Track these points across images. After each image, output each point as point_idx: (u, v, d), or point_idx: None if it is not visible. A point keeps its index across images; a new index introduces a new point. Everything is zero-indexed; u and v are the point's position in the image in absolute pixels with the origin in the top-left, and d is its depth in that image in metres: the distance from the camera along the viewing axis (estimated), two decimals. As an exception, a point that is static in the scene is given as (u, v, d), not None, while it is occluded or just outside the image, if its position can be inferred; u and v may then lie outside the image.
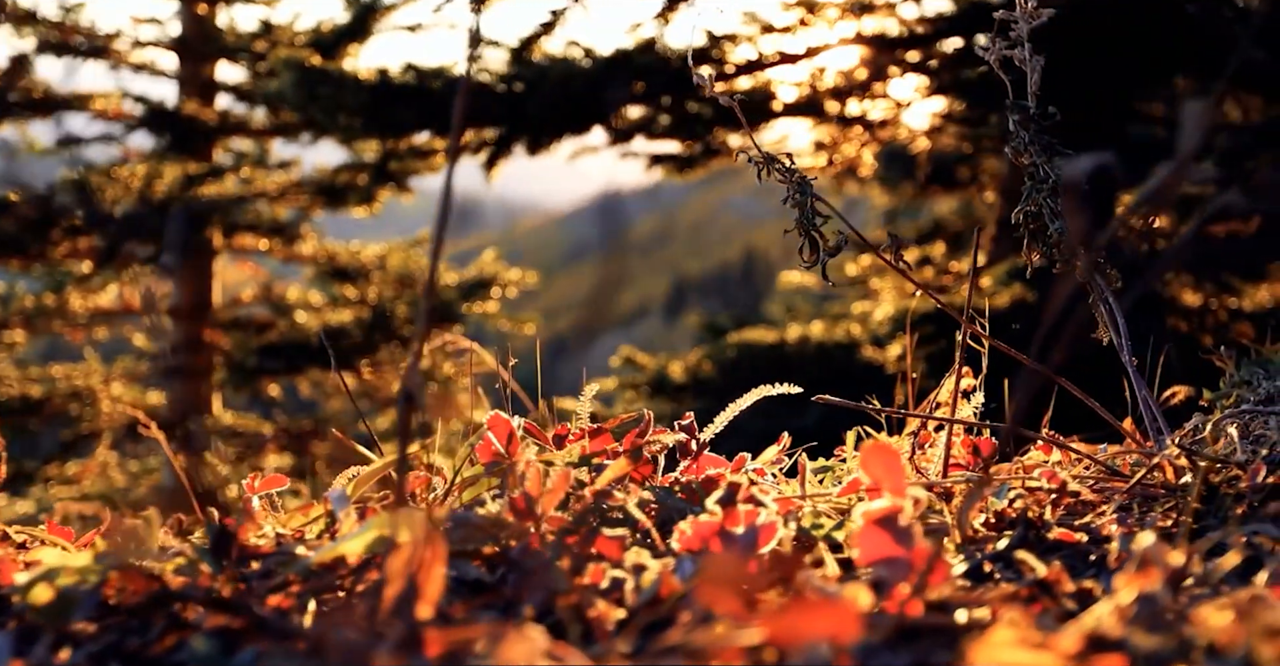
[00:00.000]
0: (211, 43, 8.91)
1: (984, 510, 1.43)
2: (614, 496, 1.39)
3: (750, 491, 1.28)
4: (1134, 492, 1.48)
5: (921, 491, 1.19)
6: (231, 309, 9.44)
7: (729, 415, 1.84)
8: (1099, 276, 1.77)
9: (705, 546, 1.23)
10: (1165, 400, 2.23)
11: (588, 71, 4.97)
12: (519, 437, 1.54)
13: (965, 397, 2.21)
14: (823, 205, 1.67)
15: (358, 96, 4.99)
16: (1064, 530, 1.34)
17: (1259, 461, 1.32)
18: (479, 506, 1.42)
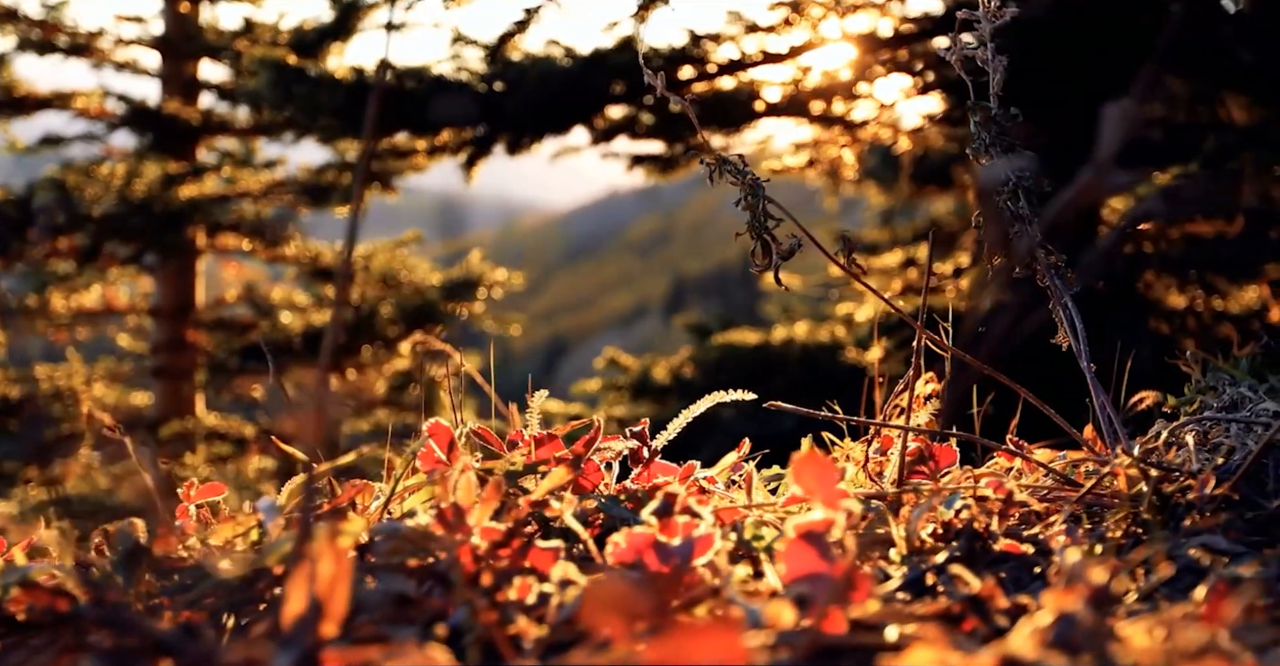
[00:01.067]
0: (193, 41, 8.87)
1: (933, 520, 1.40)
2: (550, 507, 1.35)
3: (687, 502, 1.25)
4: (1085, 503, 1.45)
5: (856, 504, 1.16)
6: (215, 309, 9.39)
7: (681, 422, 1.81)
8: (1058, 280, 1.75)
9: (639, 559, 1.20)
10: (1133, 406, 2.20)
11: (567, 71, 4.94)
12: (459, 445, 1.51)
13: (927, 402, 2.18)
14: (775, 208, 1.64)
15: (333, 96, 4.95)
16: (1010, 541, 1.32)
17: (1208, 472, 1.29)
18: (411, 517, 1.39)
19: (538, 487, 1.37)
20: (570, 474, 1.38)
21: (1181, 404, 1.88)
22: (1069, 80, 5.37)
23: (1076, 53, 5.19)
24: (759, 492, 1.58)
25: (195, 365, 9.00)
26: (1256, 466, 1.52)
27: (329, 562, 0.91)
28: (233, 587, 1.17)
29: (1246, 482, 1.46)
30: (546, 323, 76.24)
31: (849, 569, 0.91)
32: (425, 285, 9.00)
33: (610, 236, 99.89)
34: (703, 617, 0.97)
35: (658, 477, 1.66)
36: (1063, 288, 1.73)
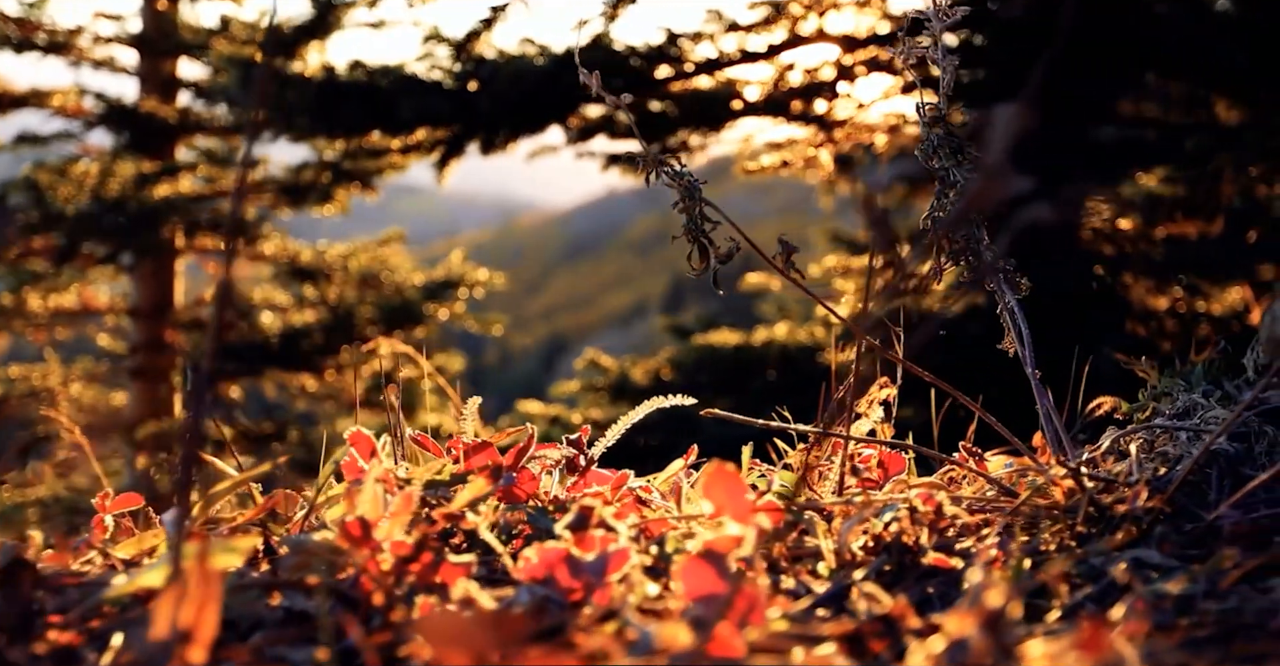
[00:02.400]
0: (171, 39, 8.80)
1: (866, 532, 1.36)
2: (466, 519, 1.31)
3: (602, 516, 1.21)
4: (1020, 514, 1.42)
5: (766, 520, 1.12)
6: (194, 309, 9.32)
7: (620, 429, 1.78)
8: (1006, 285, 1.71)
9: (550, 575, 1.16)
10: (1090, 411, 2.17)
11: (540, 69, 4.89)
12: (382, 454, 1.47)
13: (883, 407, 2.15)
14: (712, 210, 1.60)
15: (303, 95, 4.89)
16: (939, 555, 1.28)
17: (1141, 483, 1.25)
18: (322, 529, 1.35)
19: (455, 499, 1.33)
20: (490, 484, 1.34)
21: (1134, 410, 1.85)
22: (1045, 80, 5.33)
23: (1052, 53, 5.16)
24: (692, 503, 1.54)
25: (174, 366, 8.93)
26: (1200, 476, 1.49)
27: (198, 585, 0.87)
28: (125, 606, 1.12)
29: (1187, 493, 1.43)
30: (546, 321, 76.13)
31: (744, 589, 0.87)
32: (407, 285, 8.94)
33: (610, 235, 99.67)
34: (594, 641, 0.93)
35: (592, 487, 1.63)
36: (1009, 293, 1.69)
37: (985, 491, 1.59)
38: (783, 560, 1.34)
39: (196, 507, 1.40)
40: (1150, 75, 6.65)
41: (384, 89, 4.93)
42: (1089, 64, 5.65)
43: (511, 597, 1.10)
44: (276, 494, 1.50)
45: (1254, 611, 1.07)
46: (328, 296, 8.77)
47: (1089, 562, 1.25)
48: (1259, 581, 1.17)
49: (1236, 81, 5.32)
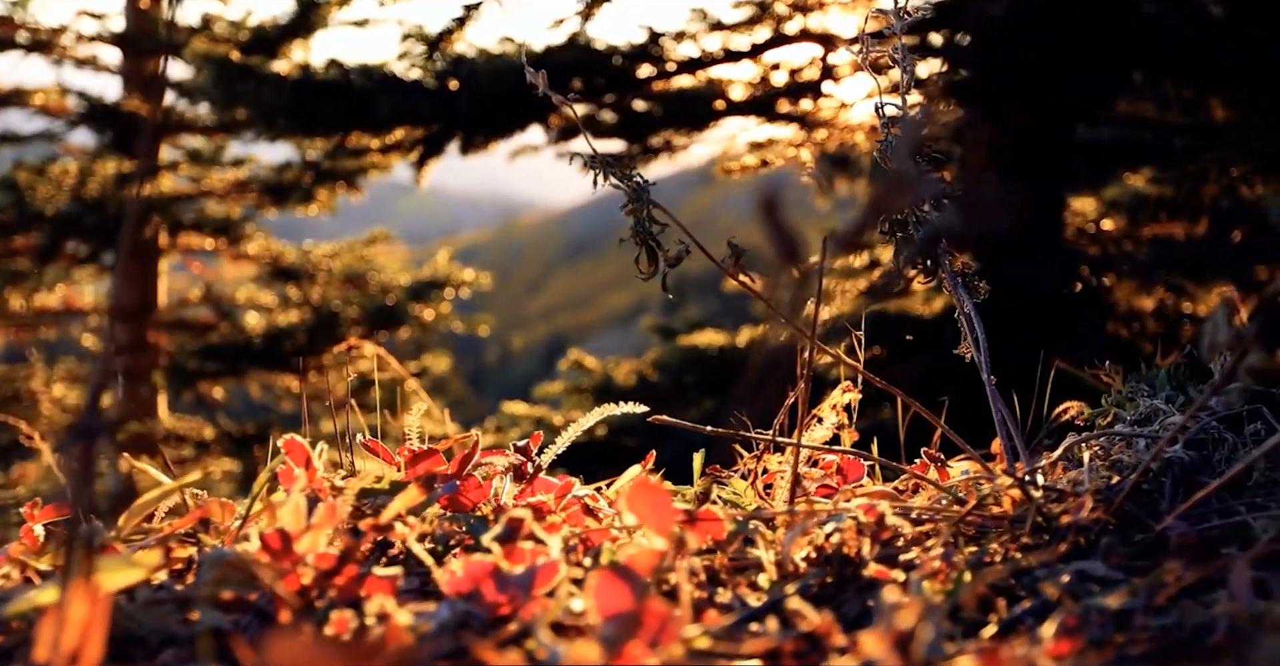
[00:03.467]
0: (153, 38, 8.73)
1: (810, 543, 1.33)
2: (395, 531, 1.28)
3: (531, 528, 1.18)
4: (970, 524, 1.39)
5: (692, 534, 1.09)
6: (178, 309, 9.26)
7: (569, 436, 1.75)
8: (963, 290, 1.68)
9: (475, 589, 1.13)
10: (1057, 416, 2.14)
11: (519, 68, 4.82)
12: (315, 463, 1.43)
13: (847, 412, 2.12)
14: (661, 213, 1.57)
15: (278, 94, 4.84)
16: (881, 567, 1.25)
17: (1085, 494, 1.23)
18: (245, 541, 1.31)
19: (386, 509, 1.30)
20: (424, 494, 1.31)
21: (1095, 416, 1.82)
22: (1029, 80, 5.31)
23: (1036, 52, 5.14)
24: (636, 512, 1.50)
25: (156, 366, 8.87)
26: (1154, 485, 1.46)
27: (82, 605, 0.84)
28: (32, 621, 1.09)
29: (1139, 503, 1.40)
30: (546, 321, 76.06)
31: (652, 607, 0.84)
32: (393, 285, 8.89)
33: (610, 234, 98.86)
34: (504, 659, 0.90)
35: (536, 495, 1.59)
36: (967, 298, 1.66)
37: (940, 500, 1.56)
38: (723, 572, 1.31)
39: (123, 518, 1.37)
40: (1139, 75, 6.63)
41: (361, 88, 4.89)
42: (1074, 63, 5.62)
43: (431, 613, 1.07)
44: (209, 503, 1.47)
45: (1193, 627, 1.04)
46: (310, 297, 8.72)
47: (1032, 575, 1.22)
48: (1203, 593, 1.14)
49: (1218, 80, 5.30)
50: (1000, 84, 5.24)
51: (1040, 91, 5.46)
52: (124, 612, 1.09)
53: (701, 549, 1.36)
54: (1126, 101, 7.06)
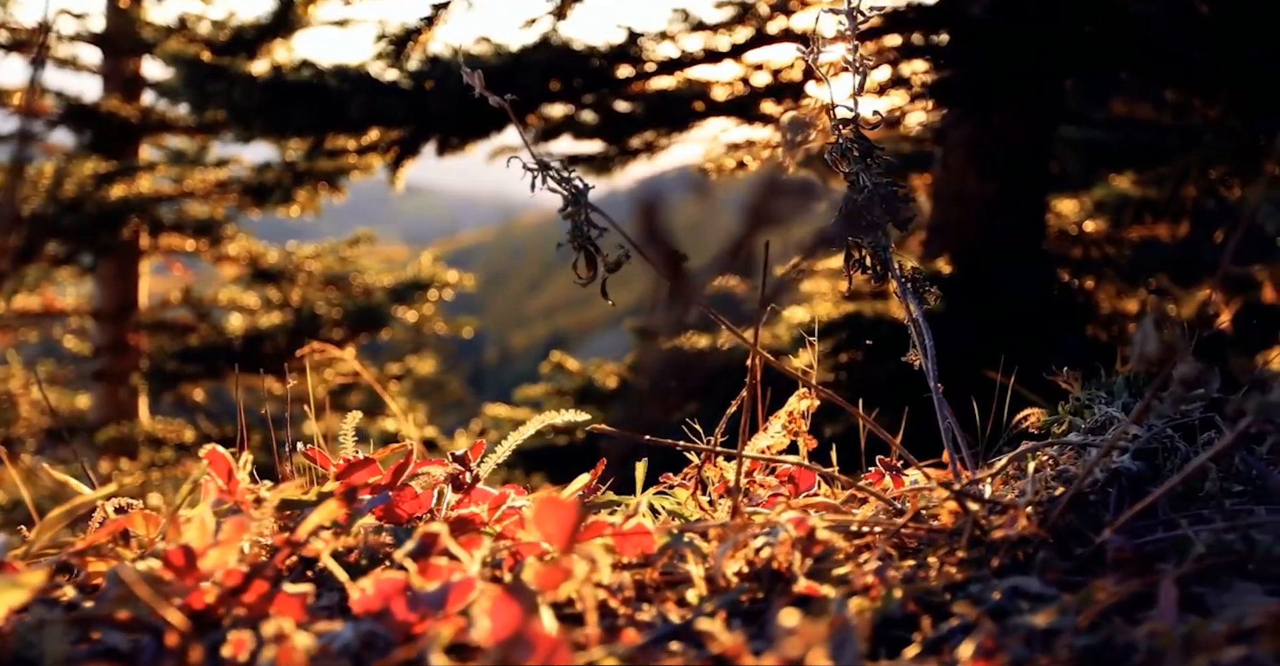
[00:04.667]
0: (133, 37, 8.67)
1: (744, 557, 1.30)
2: (309, 545, 1.24)
3: (445, 544, 1.14)
4: (910, 537, 1.35)
5: (603, 553, 1.06)
6: (159, 311, 9.19)
7: (511, 444, 1.71)
8: (912, 297, 1.65)
9: (386, 607, 1.09)
10: (1016, 424, 2.11)
11: (493, 68, 4.81)
12: (239, 474, 1.39)
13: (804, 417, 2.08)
14: (600, 217, 1.53)
15: (249, 95, 4.78)
16: (812, 582, 1.21)
17: (1019, 507, 1.19)
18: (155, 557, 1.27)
19: (304, 523, 1.26)
20: (344, 506, 1.27)
21: (1049, 424, 1.78)
22: (1011, 80, 5.29)
23: (1016, 54, 5.11)
24: (570, 524, 1.47)
25: (136, 368, 8.80)
26: (1101, 496, 1.43)
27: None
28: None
29: (1082, 515, 1.37)
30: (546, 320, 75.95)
31: (538, 630, 0.81)
32: (375, 287, 8.84)
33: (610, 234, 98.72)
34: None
35: (475, 506, 1.56)
36: (915, 304, 1.63)
37: (882, 512, 1.52)
38: (651, 587, 1.27)
39: (34, 532, 1.33)
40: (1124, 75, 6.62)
41: (335, 89, 4.84)
42: (1056, 63, 5.60)
43: (334, 633, 1.04)
44: (133, 514, 1.43)
45: (1120, 646, 1.01)
46: (290, 298, 8.66)
47: (966, 590, 1.19)
48: (1140, 610, 1.11)
49: (1198, 80, 5.28)
50: (981, 84, 5.21)
51: (1022, 92, 5.44)
52: (17, 634, 1.05)
53: (632, 563, 1.33)
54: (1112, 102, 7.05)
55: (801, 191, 0.70)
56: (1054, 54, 5.32)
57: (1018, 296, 4.71)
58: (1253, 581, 1.20)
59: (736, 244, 0.69)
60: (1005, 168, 5.44)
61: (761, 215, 0.70)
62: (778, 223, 0.70)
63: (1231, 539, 1.24)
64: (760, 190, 0.69)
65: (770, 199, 0.69)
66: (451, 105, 4.77)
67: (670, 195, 0.77)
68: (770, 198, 0.69)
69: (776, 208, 0.70)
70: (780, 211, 0.70)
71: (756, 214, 0.69)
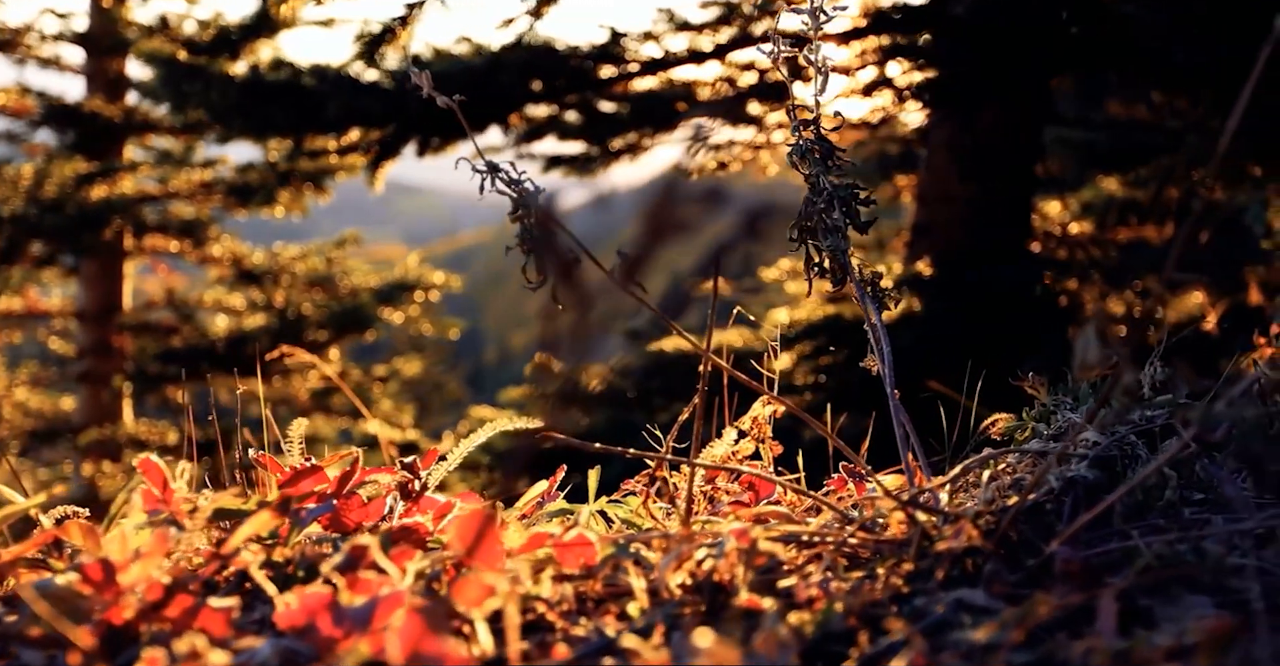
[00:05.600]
0: (115, 37, 8.61)
1: (686, 569, 1.27)
2: (238, 558, 1.22)
3: (373, 558, 1.11)
4: (863, 547, 1.33)
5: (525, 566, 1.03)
6: (144, 313, 9.14)
7: (462, 452, 1.68)
8: (870, 302, 1.62)
9: (311, 623, 1.06)
10: (984, 429, 2.08)
11: (470, 68, 4.77)
12: (175, 483, 1.36)
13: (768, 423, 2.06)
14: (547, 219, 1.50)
15: (226, 95, 4.74)
16: (754, 595, 1.19)
17: (965, 519, 1.17)
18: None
19: (235, 534, 1.23)
20: (277, 517, 1.24)
21: (1012, 430, 1.76)
22: (991, 82, 5.27)
23: (998, 54, 5.09)
24: (518, 535, 1.44)
25: (120, 370, 8.75)
26: (1056, 505, 1.40)
27: None
28: None
29: (1035, 525, 1.34)
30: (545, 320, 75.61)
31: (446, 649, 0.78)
32: (363, 288, 8.79)
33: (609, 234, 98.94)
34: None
35: (421, 515, 1.53)
36: (874, 309, 1.60)
37: (833, 523, 1.50)
38: (591, 600, 1.25)
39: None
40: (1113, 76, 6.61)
41: (313, 89, 4.80)
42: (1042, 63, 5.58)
43: (252, 651, 1.01)
44: (67, 524, 1.39)
45: (1059, 662, 0.98)
46: (274, 299, 8.62)
47: (911, 604, 1.16)
48: (1083, 624, 1.08)
49: (1180, 81, 5.26)
50: (963, 85, 5.19)
51: (1006, 93, 5.42)
52: (-73, 650, 1.03)
53: (575, 574, 1.30)
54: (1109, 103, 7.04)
55: (708, 197, 0.68)
56: (1038, 54, 5.30)
57: (1000, 298, 4.69)
58: (1204, 593, 1.17)
59: (635, 252, 0.66)
60: (988, 169, 5.42)
61: (662, 222, 0.67)
62: (680, 230, 0.68)
63: (1183, 549, 1.21)
64: (660, 196, 0.66)
65: (669, 205, 0.66)
66: (429, 105, 4.71)
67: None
68: (669, 204, 0.66)
69: (678, 214, 0.67)
70: (682, 218, 0.67)
71: (656, 221, 0.66)
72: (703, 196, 0.67)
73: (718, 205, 0.68)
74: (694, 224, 0.68)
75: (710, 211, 0.68)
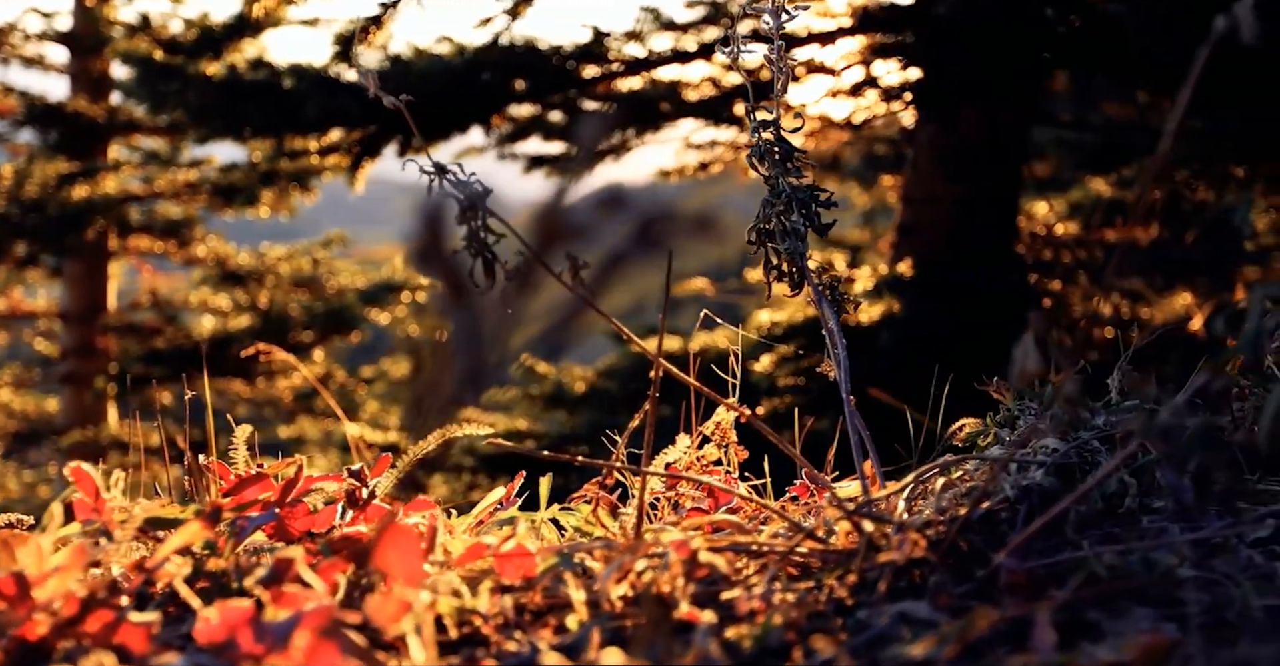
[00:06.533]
0: (98, 37, 8.56)
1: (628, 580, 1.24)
2: (163, 571, 1.18)
3: (298, 570, 1.08)
4: (814, 557, 1.30)
5: (456, 580, 1.00)
6: (130, 313, 9.09)
7: (412, 458, 1.65)
8: (827, 306, 1.60)
9: (231, 638, 1.03)
10: (950, 435, 2.05)
11: (451, 68, 4.73)
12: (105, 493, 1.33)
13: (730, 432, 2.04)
14: (498, 223, 1.47)
15: (203, 94, 4.71)
16: (693, 609, 1.16)
17: (911, 530, 1.14)
18: None
19: (162, 546, 1.20)
20: (207, 528, 1.21)
21: (974, 437, 1.73)
22: (974, 82, 5.24)
23: (981, 54, 5.07)
24: (459, 545, 1.41)
25: (103, 371, 8.70)
26: (1012, 514, 1.38)
27: None
28: None
29: (988, 534, 1.32)
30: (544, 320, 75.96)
31: None
32: (349, 289, 8.76)
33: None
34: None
35: (361, 525, 1.50)
36: (830, 313, 1.57)
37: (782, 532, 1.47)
38: (530, 613, 1.22)
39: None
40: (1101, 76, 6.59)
41: (291, 89, 4.77)
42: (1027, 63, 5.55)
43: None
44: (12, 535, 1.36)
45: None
46: (258, 300, 8.58)
47: (855, 616, 1.14)
48: (1024, 639, 1.06)
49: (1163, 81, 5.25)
50: (946, 85, 5.17)
51: (989, 93, 5.39)
52: None
53: (515, 586, 1.27)
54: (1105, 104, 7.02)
55: (607, 203, 0.65)
56: (1023, 54, 5.28)
57: (982, 299, 4.67)
58: (1152, 606, 1.15)
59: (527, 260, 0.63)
60: (973, 169, 5.40)
61: (554, 229, 0.64)
62: (573, 237, 0.65)
63: (1132, 560, 1.19)
64: (552, 202, 0.63)
65: (561, 212, 0.63)
66: (412, 105, 4.67)
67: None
68: (562, 210, 0.63)
69: (571, 221, 0.64)
70: (576, 225, 0.64)
71: (548, 228, 0.63)
72: (603, 202, 0.65)
73: (618, 211, 0.65)
74: (590, 231, 0.65)
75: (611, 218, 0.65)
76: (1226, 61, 4.55)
